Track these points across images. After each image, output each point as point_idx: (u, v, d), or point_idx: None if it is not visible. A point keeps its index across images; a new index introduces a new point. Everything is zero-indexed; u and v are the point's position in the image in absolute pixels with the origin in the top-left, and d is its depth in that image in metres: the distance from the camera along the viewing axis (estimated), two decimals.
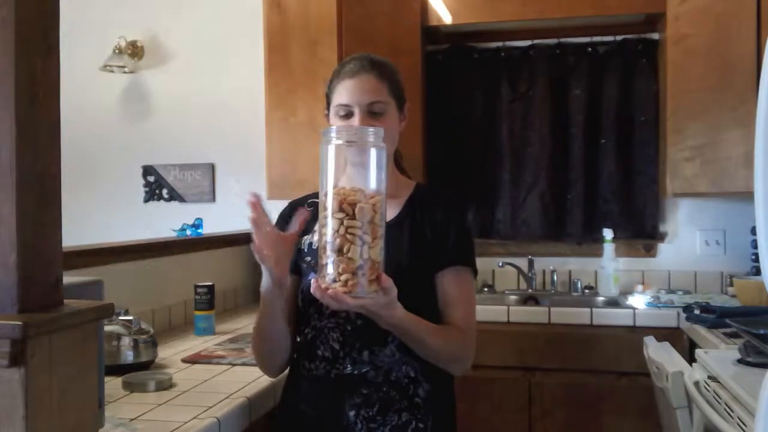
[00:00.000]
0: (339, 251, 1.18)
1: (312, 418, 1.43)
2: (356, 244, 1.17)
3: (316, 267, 1.42)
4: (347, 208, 1.18)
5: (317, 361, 1.43)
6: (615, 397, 2.71)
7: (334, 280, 1.19)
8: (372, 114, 1.46)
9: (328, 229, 1.19)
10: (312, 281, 1.23)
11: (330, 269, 1.19)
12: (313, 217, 1.50)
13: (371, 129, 1.24)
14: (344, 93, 1.47)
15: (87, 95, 3.66)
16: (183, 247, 2.56)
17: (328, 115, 1.56)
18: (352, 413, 1.39)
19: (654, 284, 3.26)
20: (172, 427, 1.31)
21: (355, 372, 1.40)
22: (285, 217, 1.53)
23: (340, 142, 1.22)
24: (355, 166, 1.25)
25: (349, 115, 1.47)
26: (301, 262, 1.50)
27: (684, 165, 2.88)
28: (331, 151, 1.22)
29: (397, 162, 1.62)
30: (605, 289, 3.16)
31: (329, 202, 1.19)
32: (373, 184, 1.22)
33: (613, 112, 3.28)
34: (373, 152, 1.23)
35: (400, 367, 1.42)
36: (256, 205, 1.29)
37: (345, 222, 1.18)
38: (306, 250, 1.50)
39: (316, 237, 1.48)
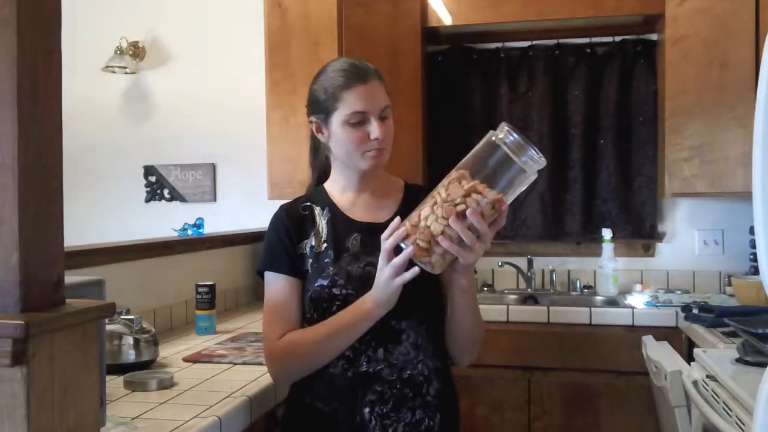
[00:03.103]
0: (424, 202, 1.27)
1: (326, 415, 1.43)
2: (431, 209, 1.25)
3: (321, 271, 1.43)
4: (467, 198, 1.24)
5: (336, 359, 1.43)
6: (614, 396, 2.72)
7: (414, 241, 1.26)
8: (381, 119, 1.46)
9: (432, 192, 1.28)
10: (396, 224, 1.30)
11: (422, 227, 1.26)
12: (311, 222, 1.52)
13: (536, 151, 1.26)
14: (360, 100, 1.44)
15: (88, 96, 3.66)
16: (184, 247, 2.57)
17: (315, 122, 1.51)
18: (366, 410, 1.41)
19: (653, 284, 3.26)
20: (173, 426, 1.32)
21: (370, 370, 1.42)
22: (284, 223, 1.52)
23: (508, 139, 1.26)
24: (502, 172, 1.28)
25: (363, 122, 1.44)
26: (305, 267, 1.48)
27: (682, 165, 2.88)
28: (491, 145, 1.28)
29: None
30: (604, 289, 3.16)
31: (450, 178, 1.28)
32: (505, 196, 1.27)
33: (611, 113, 3.29)
34: (525, 175, 1.27)
35: (415, 366, 1.43)
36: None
37: (439, 194, 1.27)
38: (308, 254, 1.49)
39: (314, 240, 1.49)
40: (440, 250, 1.26)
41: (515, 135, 1.26)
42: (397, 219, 1.31)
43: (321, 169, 1.62)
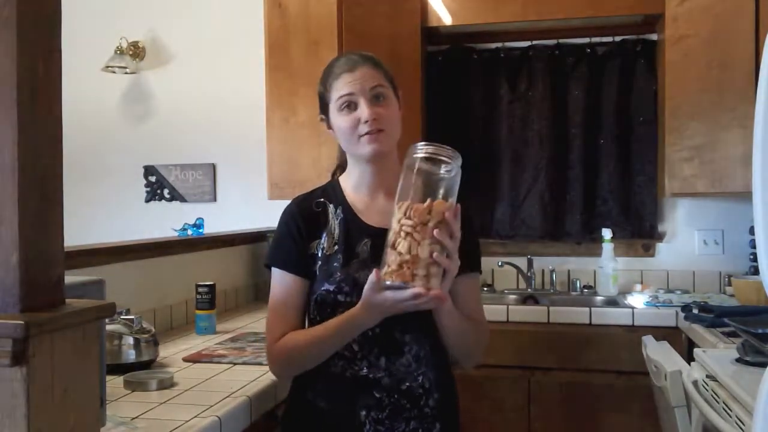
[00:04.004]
0: (393, 246, 1.29)
1: (326, 412, 1.44)
2: (410, 240, 1.27)
3: (328, 275, 1.44)
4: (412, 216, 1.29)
5: (335, 359, 1.43)
6: (614, 396, 2.72)
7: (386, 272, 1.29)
8: (376, 99, 1.46)
9: (392, 233, 1.30)
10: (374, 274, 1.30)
11: (387, 260, 1.29)
12: (324, 220, 1.51)
13: (451, 150, 1.30)
14: (346, 85, 1.46)
15: (88, 96, 3.66)
16: (184, 247, 2.57)
17: (324, 119, 1.54)
18: (363, 413, 1.41)
19: (653, 284, 3.26)
20: (173, 426, 1.32)
21: (371, 375, 1.42)
22: (295, 219, 1.51)
23: (422, 155, 1.31)
24: (431, 181, 1.30)
25: (353, 105, 1.46)
26: (313, 268, 1.47)
27: (682, 165, 2.88)
28: (416, 164, 1.31)
29: None
30: (604, 289, 3.16)
31: (402, 211, 1.29)
32: (441, 195, 1.31)
33: (612, 113, 3.29)
34: (448, 168, 1.31)
35: (415, 378, 1.44)
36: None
37: (404, 226, 1.28)
38: (318, 255, 1.48)
39: (326, 242, 1.48)
40: (435, 270, 1.29)
41: (426, 145, 1.32)
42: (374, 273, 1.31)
43: (342, 161, 1.61)
